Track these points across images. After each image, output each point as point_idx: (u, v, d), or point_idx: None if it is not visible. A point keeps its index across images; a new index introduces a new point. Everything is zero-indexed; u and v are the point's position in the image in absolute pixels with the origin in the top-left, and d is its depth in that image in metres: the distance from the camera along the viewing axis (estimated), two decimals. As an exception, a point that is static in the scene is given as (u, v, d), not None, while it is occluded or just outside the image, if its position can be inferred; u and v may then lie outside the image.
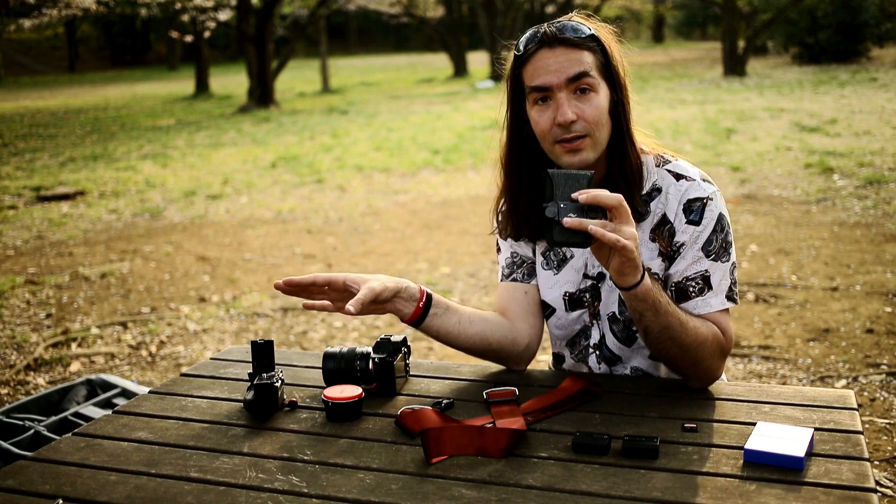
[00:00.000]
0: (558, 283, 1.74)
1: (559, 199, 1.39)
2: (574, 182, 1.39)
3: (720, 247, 1.60)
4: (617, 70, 1.59)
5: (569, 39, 1.54)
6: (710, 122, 11.93)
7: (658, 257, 1.64)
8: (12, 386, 3.90)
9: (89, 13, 18.58)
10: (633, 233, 1.38)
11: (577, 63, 1.54)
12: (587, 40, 1.55)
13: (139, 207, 8.29)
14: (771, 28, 23.00)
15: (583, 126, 1.55)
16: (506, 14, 26.58)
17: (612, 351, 1.73)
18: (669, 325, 1.50)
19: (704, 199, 1.61)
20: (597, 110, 1.55)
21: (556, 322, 1.78)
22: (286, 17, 24.54)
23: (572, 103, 1.55)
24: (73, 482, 1.33)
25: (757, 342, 3.99)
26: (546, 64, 1.55)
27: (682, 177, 1.64)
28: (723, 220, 1.61)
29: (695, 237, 1.60)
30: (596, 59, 1.56)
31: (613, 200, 1.37)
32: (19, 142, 14.31)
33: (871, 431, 3.08)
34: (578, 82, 1.54)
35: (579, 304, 1.73)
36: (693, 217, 1.60)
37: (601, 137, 1.58)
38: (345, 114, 16.76)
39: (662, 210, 1.63)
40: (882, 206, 6.53)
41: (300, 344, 4.34)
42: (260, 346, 1.59)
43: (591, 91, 1.55)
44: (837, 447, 1.34)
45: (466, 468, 1.32)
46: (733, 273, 1.62)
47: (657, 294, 1.48)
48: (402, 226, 6.94)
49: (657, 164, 1.67)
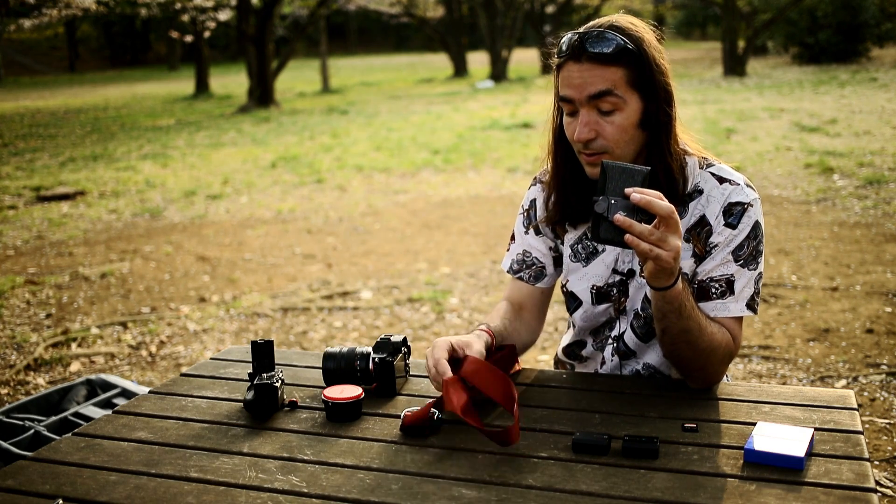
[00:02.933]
0: (586, 276, 1.74)
1: (610, 194, 1.35)
2: (629, 177, 1.36)
3: (750, 254, 1.60)
4: (656, 79, 1.55)
5: (595, 55, 1.51)
6: (710, 122, 11.93)
7: (691, 258, 1.64)
8: (12, 386, 3.90)
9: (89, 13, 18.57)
10: (676, 245, 1.37)
11: (601, 80, 1.51)
12: (617, 55, 1.51)
13: (139, 207, 8.29)
14: (771, 28, 23.01)
15: (601, 144, 1.55)
16: (506, 14, 26.56)
17: (629, 345, 1.73)
18: (689, 328, 1.50)
19: (746, 204, 1.60)
20: (618, 129, 1.54)
21: (581, 315, 1.78)
22: (286, 17, 24.52)
23: (592, 120, 1.53)
24: (73, 482, 1.33)
25: (757, 342, 3.99)
26: (571, 77, 1.54)
27: (727, 180, 1.63)
28: (758, 228, 1.61)
29: (729, 240, 1.60)
30: (626, 74, 1.52)
31: (665, 210, 1.34)
32: (19, 142, 14.31)
33: (871, 431, 3.08)
34: (600, 101, 1.52)
35: (606, 299, 1.73)
36: (732, 220, 1.60)
37: (623, 154, 1.57)
38: (345, 114, 16.75)
39: (702, 211, 1.63)
40: (882, 206, 6.53)
41: (300, 344, 4.34)
42: (260, 346, 1.59)
43: (616, 109, 1.53)
44: (837, 447, 1.34)
45: (466, 468, 1.32)
46: (758, 283, 1.62)
47: (685, 298, 1.48)
48: (402, 226, 6.94)
49: (701, 166, 1.66)
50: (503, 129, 12.52)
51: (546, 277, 1.80)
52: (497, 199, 7.71)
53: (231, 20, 20.58)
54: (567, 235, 1.78)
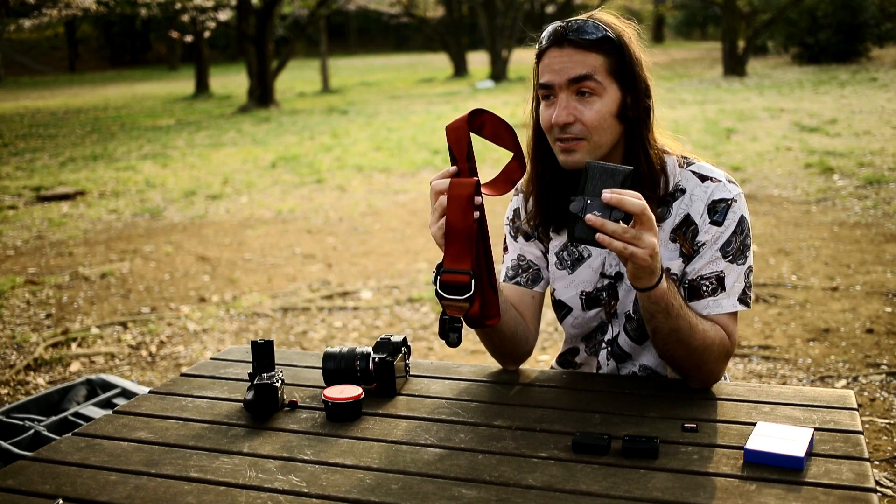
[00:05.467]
0: (574, 283, 1.74)
1: (588, 195, 1.36)
2: (609, 177, 1.35)
3: (738, 249, 1.60)
4: (634, 71, 1.56)
5: (576, 41, 1.53)
6: (710, 122, 11.92)
7: (679, 258, 1.64)
8: (12, 386, 3.90)
9: (89, 13, 18.58)
10: (651, 242, 1.37)
11: (581, 65, 1.53)
12: (599, 42, 1.53)
13: (139, 207, 8.29)
14: (771, 28, 23.00)
15: (580, 129, 1.55)
16: (506, 14, 26.56)
17: (623, 349, 1.73)
18: (679, 327, 1.50)
19: (729, 200, 1.60)
20: (596, 115, 1.54)
21: (572, 322, 1.77)
22: (286, 17, 24.52)
23: (571, 105, 1.54)
24: (73, 482, 1.33)
25: (757, 342, 3.99)
26: (552, 63, 1.56)
27: (708, 178, 1.63)
28: (744, 222, 1.61)
29: (715, 237, 1.60)
30: (607, 62, 1.54)
31: (636, 207, 1.34)
32: (19, 142, 14.31)
33: (871, 431, 3.08)
34: (580, 84, 1.53)
35: (596, 303, 1.73)
36: (717, 218, 1.60)
37: (600, 141, 1.57)
38: (345, 114, 16.75)
39: (685, 211, 1.63)
40: (882, 206, 6.53)
41: (300, 344, 4.34)
42: (260, 346, 1.59)
43: (594, 95, 1.54)
44: (837, 447, 1.34)
45: (466, 468, 1.32)
46: (748, 276, 1.62)
47: (671, 297, 1.48)
48: (402, 226, 6.94)
49: (680, 164, 1.65)
50: (503, 129, 12.49)
51: (542, 281, 1.79)
52: (497, 199, 7.69)
53: (231, 20, 20.59)
54: (552, 243, 1.77)
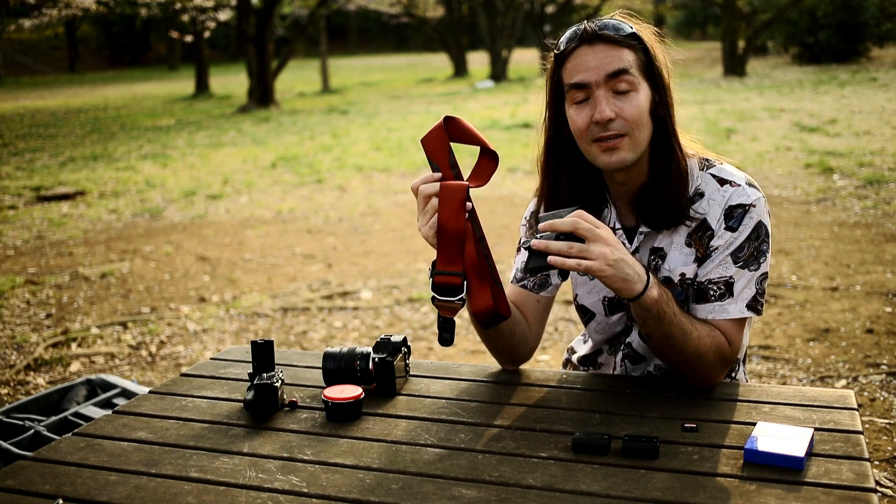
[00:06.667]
0: (595, 289, 1.73)
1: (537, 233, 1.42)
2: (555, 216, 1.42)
3: (751, 254, 1.57)
4: (660, 70, 1.56)
5: (609, 37, 1.52)
6: (710, 122, 11.92)
7: (693, 263, 1.61)
8: (12, 386, 3.90)
9: (89, 13, 18.58)
10: (601, 252, 1.38)
11: (617, 60, 1.51)
12: (628, 38, 1.52)
13: (139, 207, 8.29)
14: (771, 28, 23.00)
15: (621, 125, 1.52)
16: (506, 14, 26.55)
17: (637, 350, 1.73)
18: (671, 334, 1.50)
19: (747, 205, 1.57)
20: (637, 109, 1.52)
21: (595, 327, 1.77)
22: (286, 17, 24.52)
23: (611, 101, 1.51)
24: (73, 482, 1.33)
25: (757, 342, 3.99)
26: (585, 61, 1.52)
27: (727, 182, 1.60)
28: (760, 228, 1.57)
29: (728, 243, 1.57)
30: (637, 58, 1.53)
31: (566, 226, 1.38)
32: (19, 142, 14.31)
33: (871, 431, 3.08)
34: (618, 79, 1.51)
35: (619, 308, 1.72)
36: (732, 223, 1.57)
37: (641, 138, 1.54)
38: (345, 114, 16.75)
39: (703, 215, 1.60)
40: (882, 206, 6.53)
41: (300, 344, 4.34)
42: (260, 346, 1.59)
43: (632, 90, 1.52)
44: (837, 447, 1.34)
45: (466, 468, 1.32)
46: (762, 283, 1.59)
47: (664, 304, 1.47)
48: (402, 226, 6.94)
49: (701, 167, 1.63)
50: (503, 129, 12.51)
51: (550, 287, 1.77)
52: (497, 199, 7.71)
53: (231, 20, 20.59)
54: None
